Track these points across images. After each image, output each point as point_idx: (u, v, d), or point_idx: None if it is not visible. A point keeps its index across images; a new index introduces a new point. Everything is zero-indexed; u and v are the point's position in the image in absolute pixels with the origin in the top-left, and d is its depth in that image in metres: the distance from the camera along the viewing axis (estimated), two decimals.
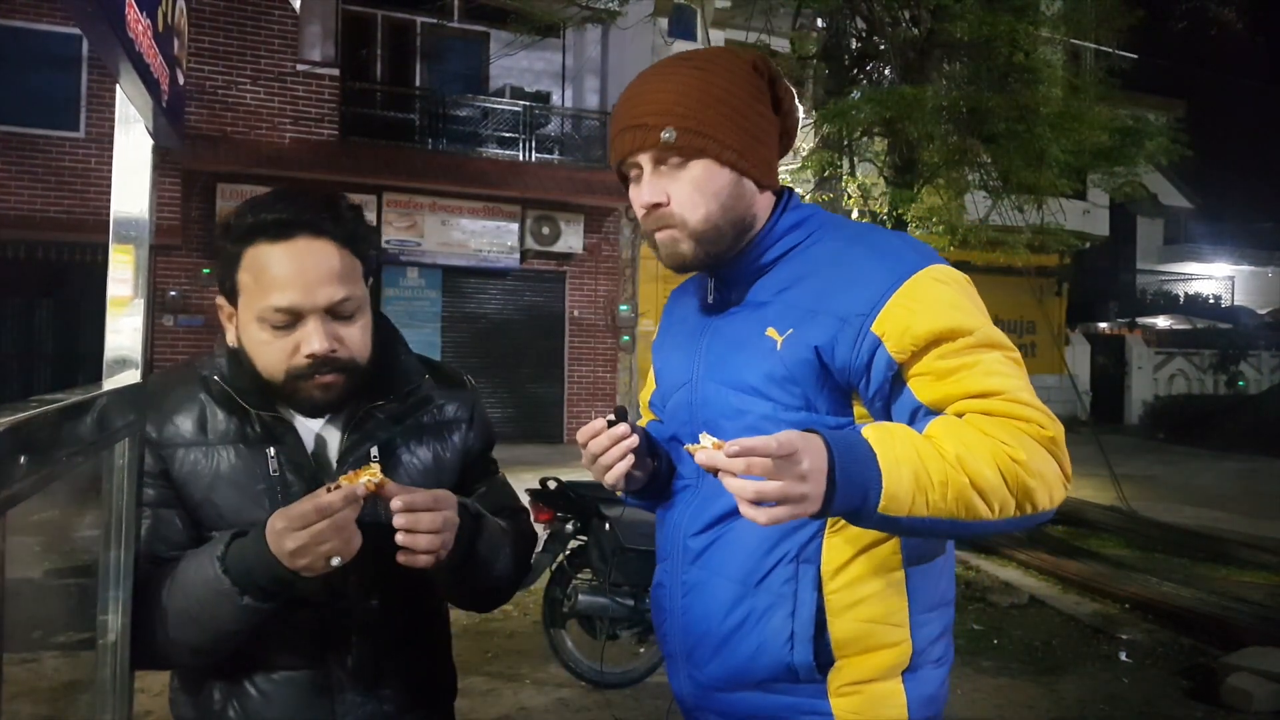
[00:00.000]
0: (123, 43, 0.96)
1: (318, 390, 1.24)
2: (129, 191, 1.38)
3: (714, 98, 1.22)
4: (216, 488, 1.25)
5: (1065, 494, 1.12)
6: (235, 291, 1.25)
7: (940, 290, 1.16)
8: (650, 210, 1.25)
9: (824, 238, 1.28)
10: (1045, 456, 1.09)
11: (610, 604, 4.08)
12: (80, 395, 0.99)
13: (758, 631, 1.22)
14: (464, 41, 13.61)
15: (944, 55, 7.38)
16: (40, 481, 0.81)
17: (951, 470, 1.04)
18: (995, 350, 1.15)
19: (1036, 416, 1.11)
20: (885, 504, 1.02)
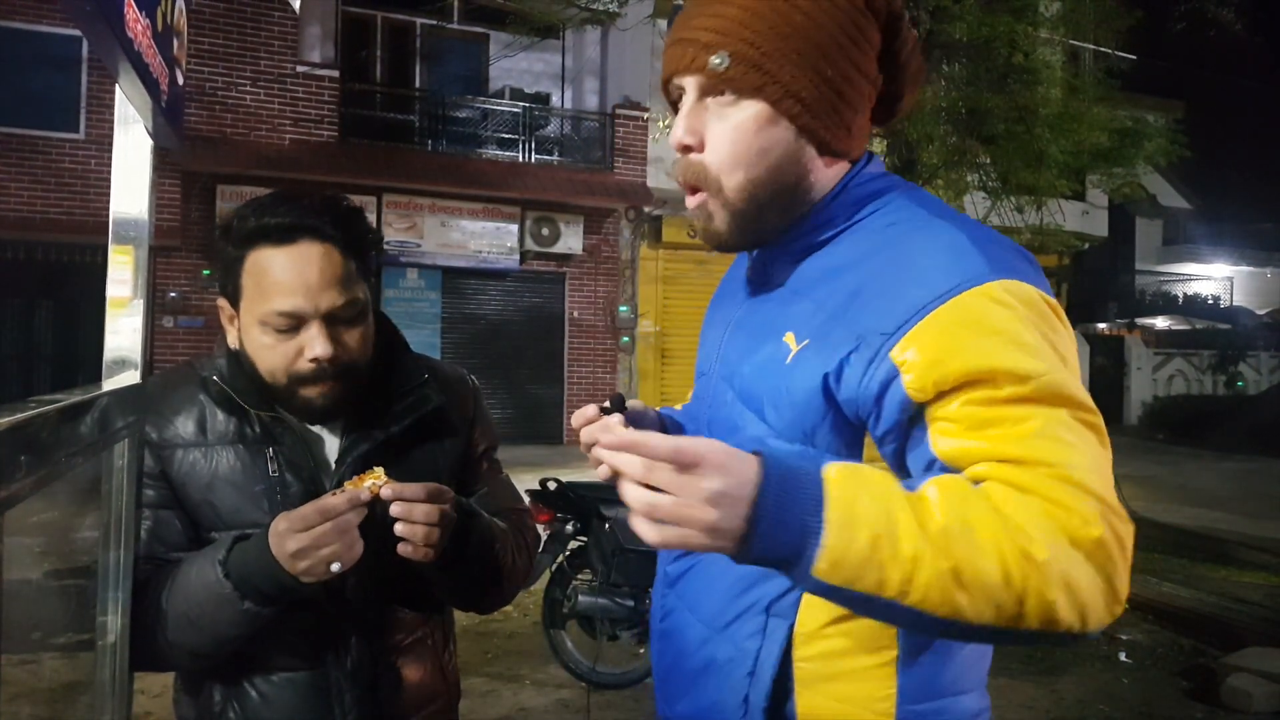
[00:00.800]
0: (121, 43, 0.96)
1: (318, 396, 1.24)
2: (128, 192, 1.38)
3: (791, 27, 0.96)
4: (215, 488, 1.25)
5: (1111, 616, 0.81)
6: (237, 294, 1.25)
7: (998, 314, 0.86)
8: (682, 153, 1.02)
9: (891, 216, 0.99)
10: (1081, 562, 0.79)
11: (610, 605, 4.08)
12: (80, 396, 0.99)
13: (716, 684, 1.02)
14: (463, 43, 13.61)
15: (943, 56, 7.37)
16: (39, 482, 0.81)
17: (929, 547, 0.77)
18: (1060, 409, 0.83)
19: (1084, 507, 0.80)
20: (823, 568, 0.78)
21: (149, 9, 1.07)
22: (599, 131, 13.62)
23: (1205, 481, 11.50)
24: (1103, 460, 0.85)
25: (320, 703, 1.27)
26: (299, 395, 1.24)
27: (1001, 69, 7.03)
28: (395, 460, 1.31)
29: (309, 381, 1.23)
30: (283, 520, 1.14)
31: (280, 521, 1.14)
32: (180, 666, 1.29)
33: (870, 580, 0.78)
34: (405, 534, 1.16)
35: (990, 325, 0.85)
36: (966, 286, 0.87)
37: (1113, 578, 0.80)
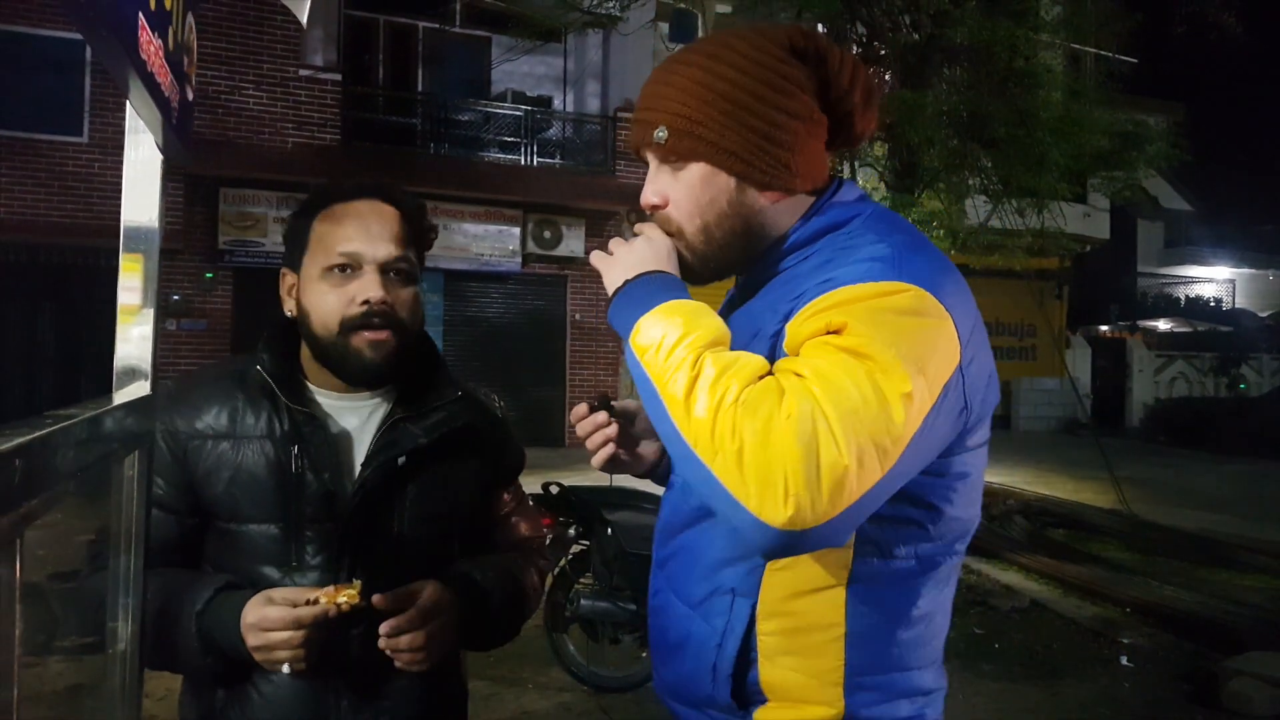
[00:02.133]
0: (135, 64, 0.98)
1: (368, 347, 1.28)
2: (138, 205, 1.40)
3: (716, 93, 1.10)
4: (238, 481, 1.29)
5: (783, 515, 0.87)
6: (302, 253, 1.33)
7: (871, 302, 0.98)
8: (650, 211, 1.19)
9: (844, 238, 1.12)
10: (767, 440, 0.88)
11: (612, 608, 4.10)
12: (93, 410, 1.00)
13: (691, 655, 1.15)
14: (465, 46, 13.64)
15: (944, 60, 7.39)
16: (53, 499, 0.83)
17: (691, 355, 0.96)
18: (860, 360, 0.94)
19: (795, 401, 0.90)
20: (635, 331, 1.03)
21: (162, 30, 1.09)
22: (600, 134, 13.65)
23: (1207, 484, 11.50)
24: (872, 417, 0.91)
25: (320, 706, 1.28)
26: (350, 346, 1.29)
27: (1002, 73, 7.04)
28: (416, 475, 1.34)
29: (360, 327, 1.28)
30: (254, 610, 1.18)
31: (252, 610, 1.19)
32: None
33: (649, 357, 1.00)
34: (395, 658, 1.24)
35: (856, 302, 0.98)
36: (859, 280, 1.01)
37: (788, 469, 0.87)
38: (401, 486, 1.34)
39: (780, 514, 0.88)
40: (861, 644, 1.09)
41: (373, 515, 1.31)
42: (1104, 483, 9.02)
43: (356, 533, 1.30)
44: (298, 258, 1.34)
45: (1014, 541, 7.45)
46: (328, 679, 1.28)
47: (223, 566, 1.29)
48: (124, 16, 0.93)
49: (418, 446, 1.33)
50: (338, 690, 1.29)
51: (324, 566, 1.28)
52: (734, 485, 0.90)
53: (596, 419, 1.24)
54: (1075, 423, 17.06)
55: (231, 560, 1.29)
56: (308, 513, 1.28)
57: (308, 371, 1.37)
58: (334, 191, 1.35)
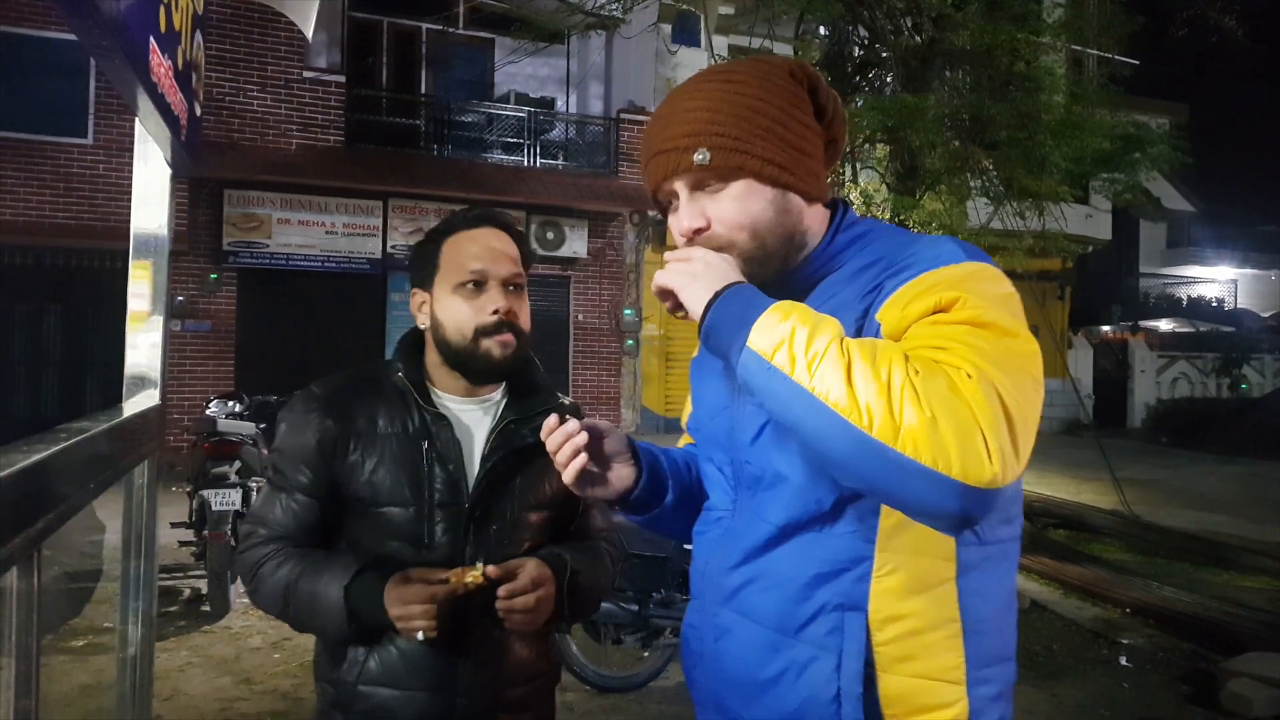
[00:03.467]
0: (146, 87, 1.01)
1: (496, 346, 1.51)
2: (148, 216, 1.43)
3: (749, 109, 1.14)
4: (379, 471, 1.50)
5: (992, 473, 0.90)
6: (433, 274, 1.55)
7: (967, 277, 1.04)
8: (692, 237, 1.17)
9: (872, 242, 1.19)
10: (955, 403, 0.91)
11: (614, 609, 4.12)
12: (104, 423, 1.03)
13: (799, 687, 1.10)
14: (469, 48, 13.67)
15: (946, 64, 7.41)
16: (69, 511, 0.86)
17: (835, 347, 0.96)
18: (986, 330, 0.99)
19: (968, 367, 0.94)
20: (754, 336, 1.01)
21: (171, 50, 1.12)
22: (603, 136, 13.67)
23: (1208, 485, 11.49)
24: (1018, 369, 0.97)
25: (447, 664, 1.49)
26: (481, 347, 1.51)
27: (1004, 76, 7.06)
28: (526, 470, 1.57)
29: (491, 332, 1.51)
30: (397, 586, 1.40)
31: (394, 586, 1.40)
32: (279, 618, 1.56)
33: (784, 356, 0.98)
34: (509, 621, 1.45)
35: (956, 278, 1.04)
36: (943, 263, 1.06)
37: (986, 429, 0.91)
38: (513, 478, 1.56)
39: (987, 470, 0.90)
40: (977, 635, 1.09)
41: (490, 501, 1.53)
42: (1105, 483, 9.03)
43: (477, 516, 1.52)
44: (429, 278, 1.55)
45: None
46: (453, 644, 1.47)
47: (361, 543, 1.50)
48: (135, 41, 0.96)
49: (526, 445, 1.55)
50: (462, 653, 1.49)
51: (449, 545, 1.50)
52: (930, 456, 0.90)
53: (567, 429, 1.21)
54: (1077, 423, 17.05)
55: (370, 538, 1.50)
56: (436, 499, 1.50)
57: (433, 378, 1.58)
58: (457, 221, 1.58)
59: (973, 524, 0.98)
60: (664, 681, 4.35)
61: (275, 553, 1.49)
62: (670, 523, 1.35)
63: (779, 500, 1.14)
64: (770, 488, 1.15)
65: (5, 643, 0.69)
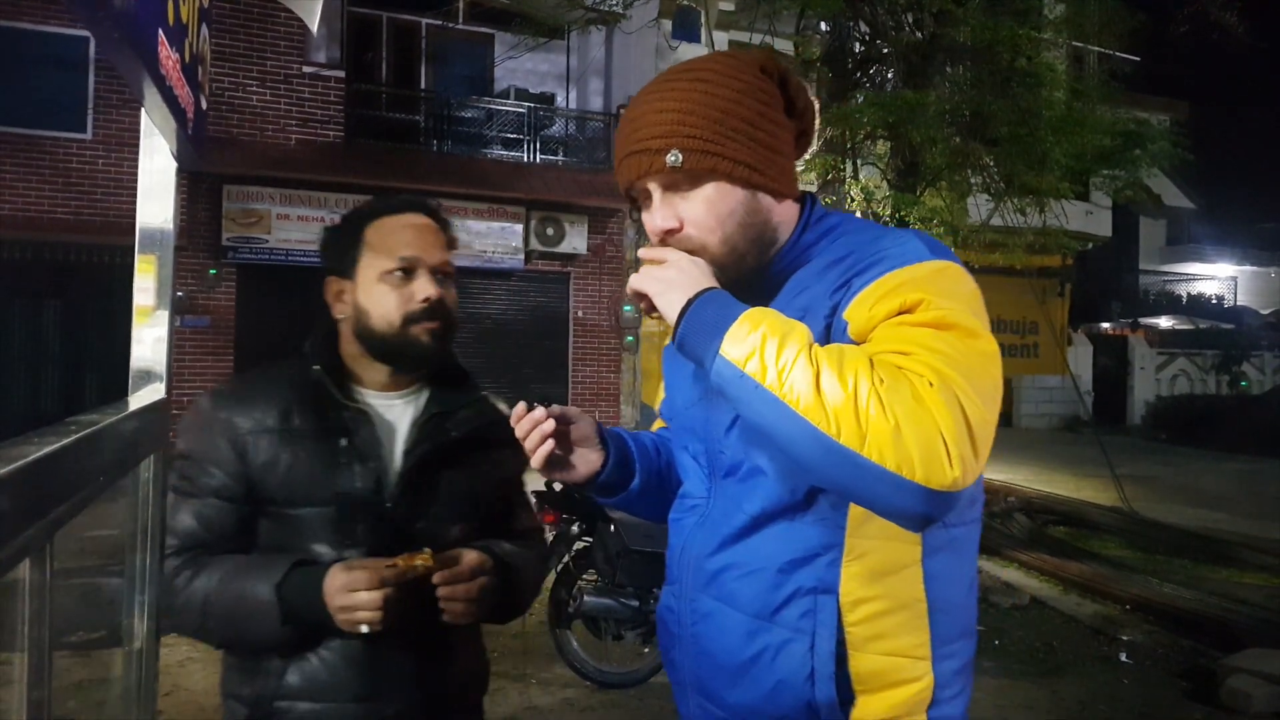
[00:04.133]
0: (154, 78, 1.01)
1: (425, 334, 1.45)
2: (153, 209, 1.43)
3: (720, 111, 1.15)
4: (295, 470, 1.42)
5: (951, 477, 0.94)
6: (356, 261, 1.47)
7: (932, 277, 1.08)
8: (665, 237, 1.19)
9: (841, 237, 1.21)
10: (917, 410, 0.95)
11: (615, 605, 4.12)
12: (113, 416, 1.03)
13: (775, 667, 1.15)
14: (469, 44, 13.64)
15: (947, 60, 7.40)
16: (78, 505, 0.85)
17: (804, 356, 0.99)
18: (949, 331, 1.03)
19: (929, 374, 0.98)
20: (726, 344, 1.03)
21: (179, 44, 1.12)
22: (604, 132, 13.65)
23: (1208, 482, 11.51)
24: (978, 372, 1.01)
25: (374, 671, 1.42)
26: (410, 335, 1.44)
27: (1005, 72, 7.05)
28: (450, 466, 1.50)
29: (420, 319, 1.45)
30: (341, 574, 1.32)
31: (338, 574, 1.32)
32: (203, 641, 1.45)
33: (755, 364, 1.00)
34: (449, 610, 1.38)
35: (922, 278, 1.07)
36: (908, 262, 1.09)
37: (947, 435, 0.95)
38: (438, 474, 1.49)
39: (948, 475, 0.95)
40: (940, 614, 1.15)
41: (413, 499, 1.46)
42: (1105, 480, 9.04)
43: (400, 515, 1.44)
44: (350, 265, 1.47)
45: (1015, 539, 7.48)
46: (389, 641, 1.39)
47: (279, 548, 1.41)
48: (144, 32, 0.96)
49: (450, 439, 1.49)
50: (392, 656, 1.42)
51: (372, 544, 1.41)
52: (895, 462, 0.94)
53: (534, 416, 1.24)
54: (1077, 420, 17.07)
55: (287, 542, 1.41)
56: (356, 497, 1.42)
57: (351, 371, 1.50)
58: (380, 205, 1.50)
59: (934, 522, 1.02)
60: (664, 677, 4.35)
61: (189, 562, 1.38)
62: (639, 504, 1.41)
63: (755, 491, 1.18)
64: (746, 479, 1.20)
65: (19, 634, 0.69)
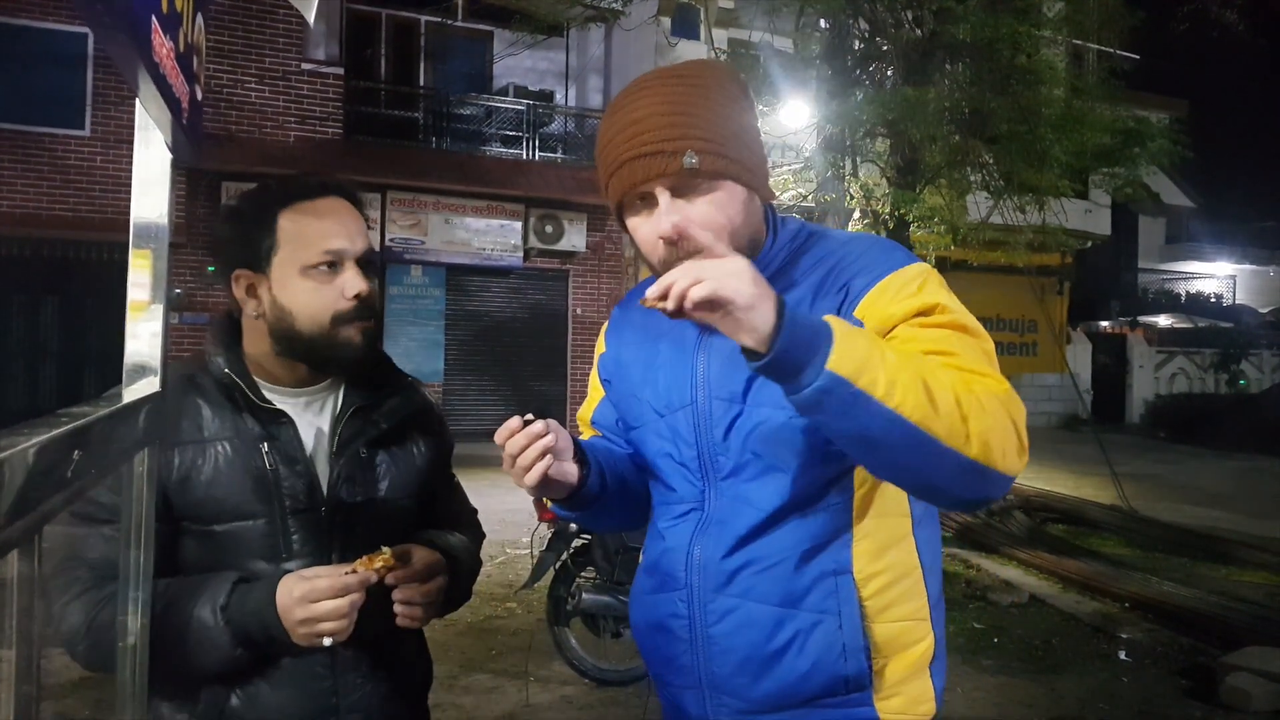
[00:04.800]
0: (147, 66, 0.99)
1: (356, 334, 1.34)
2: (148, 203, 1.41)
3: (722, 115, 1.18)
4: (216, 484, 1.30)
5: (1021, 463, 1.07)
6: (271, 253, 1.32)
7: (925, 279, 1.18)
8: (674, 240, 1.15)
9: (815, 243, 1.29)
10: (998, 407, 1.05)
11: (614, 602, 4.11)
12: (105, 408, 1.02)
13: (807, 650, 1.21)
14: (468, 41, 13.63)
15: (946, 57, 7.38)
16: (69, 498, 0.84)
17: (908, 363, 1.03)
18: (966, 334, 1.14)
19: (995, 375, 1.10)
20: (835, 359, 0.98)
21: (173, 31, 1.10)
22: None
23: (1206, 480, 11.51)
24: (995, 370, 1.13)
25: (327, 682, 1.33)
26: (340, 336, 1.33)
27: (1004, 70, 7.03)
28: (383, 460, 1.41)
29: (350, 319, 1.33)
30: (298, 584, 1.22)
31: (295, 585, 1.22)
32: None
33: (866, 378, 0.99)
34: (407, 614, 1.31)
35: (923, 284, 1.17)
36: (901, 265, 1.20)
37: (1019, 427, 1.07)
38: (371, 469, 1.40)
39: (1022, 462, 1.07)
40: (931, 575, 1.27)
41: (350, 500, 1.37)
42: (1104, 478, 9.03)
43: (337, 518, 1.35)
44: (264, 257, 1.32)
45: (1014, 537, 7.47)
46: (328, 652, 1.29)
47: (209, 567, 1.29)
48: (138, 19, 0.95)
49: (382, 431, 1.41)
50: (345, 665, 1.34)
51: (312, 553, 1.32)
52: (993, 458, 1.03)
53: (533, 430, 1.17)
54: (1075, 418, 17.07)
55: (217, 560, 1.30)
56: (289, 505, 1.32)
57: (259, 370, 1.38)
58: (294, 189, 1.35)
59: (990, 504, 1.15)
60: None
61: (113, 596, 1.20)
62: (601, 517, 1.39)
63: (769, 488, 1.22)
64: (756, 477, 1.23)
65: (7, 628, 0.68)
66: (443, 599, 1.36)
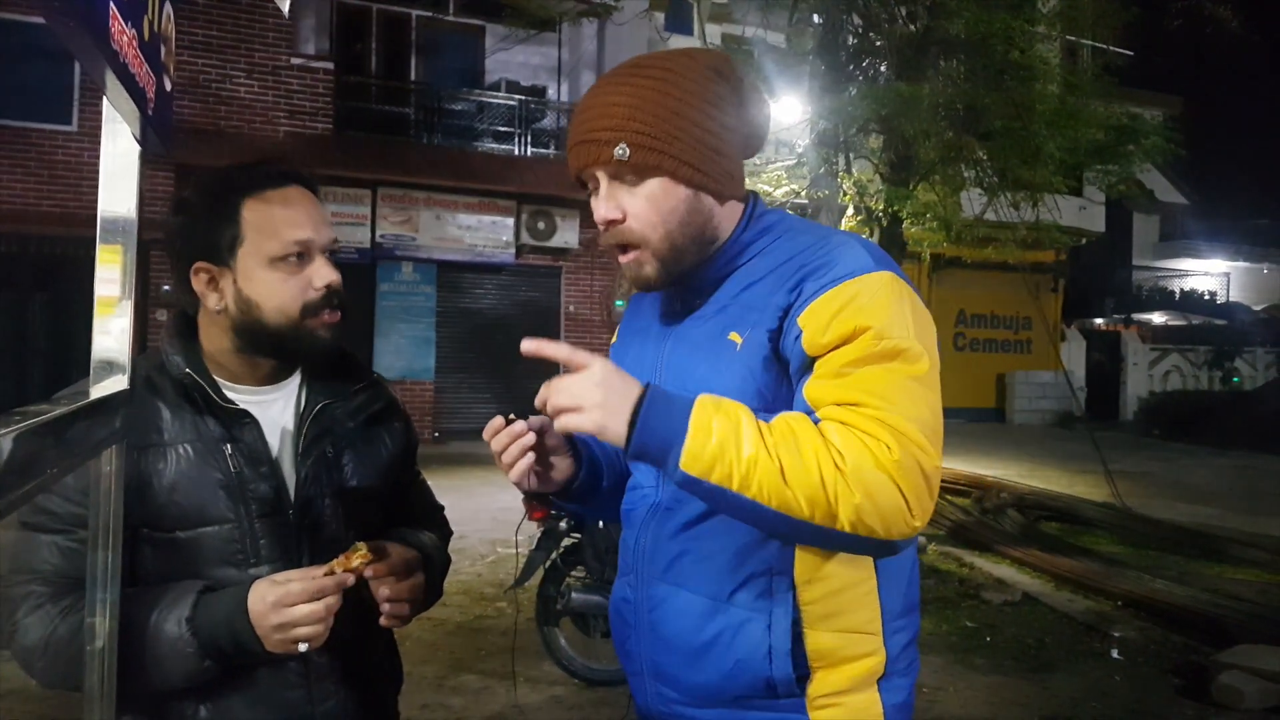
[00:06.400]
0: (106, 55, 0.95)
1: (323, 327, 1.31)
2: (116, 196, 1.37)
3: (669, 110, 1.17)
4: (179, 488, 1.26)
5: (912, 527, 1.05)
6: (235, 244, 1.28)
7: (878, 294, 1.13)
8: (608, 227, 1.22)
9: (791, 237, 1.25)
10: (880, 479, 1.03)
11: (603, 602, 4.08)
12: (65, 406, 0.98)
13: (734, 647, 1.18)
14: (459, 35, 13.57)
15: (940, 52, 7.36)
16: (27, 496, 0.81)
17: (763, 453, 1.03)
18: (894, 361, 1.09)
19: (885, 437, 1.04)
20: (686, 460, 1.04)
21: (135, 19, 1.07)
22: None
23: (1200, 477, 11.53)
24: (924, 408, 1.09)
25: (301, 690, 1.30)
26: (307, 327, 1.30)
27: (998, 66, 7.01)
28: (350, 457, 1.38)
29: (319, 309, 1.30)
30: (270, 590, 1.18)
31: (268, 590, 1.18)
32: None
33: (719, 474, 1.03)
34: (393, 612, 1.28)
35: (870, 299, 1.12)
36: (857, 273, 1.14)
37: (909, 495, 1.04)
38: (339, 468, 1.37)
39: (910, 526, 1.05)
40: (888, 590, 1.21)
41: (318, 501, 1.33)
42: (1097, 476, 9.03)
43: (306, 520, 1.32)
44: (226, 250, 1.28)
45: (1007, 535, 7.46)
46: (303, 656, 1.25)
47: (172, 576, 1.24)
48: (93, 6, 0.91)
49: (348, 430, 1.38)
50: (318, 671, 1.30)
51: (280, 557, 1.28)
52: (866, 529, 1.04)
53: (514, 430, 1.23)
54: (1069, 416, 17.08)
55: (181, 568, 1.25)
56: (255, 508, 1.28)
57: (218, 367, 1.34)
58: (256, 178, 1.31)
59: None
60: None
61: (71, 609, 1.18)
62: (606, 507, 1.40)
63: None
64: None
65: None
66: (421, 596, 1.34)
